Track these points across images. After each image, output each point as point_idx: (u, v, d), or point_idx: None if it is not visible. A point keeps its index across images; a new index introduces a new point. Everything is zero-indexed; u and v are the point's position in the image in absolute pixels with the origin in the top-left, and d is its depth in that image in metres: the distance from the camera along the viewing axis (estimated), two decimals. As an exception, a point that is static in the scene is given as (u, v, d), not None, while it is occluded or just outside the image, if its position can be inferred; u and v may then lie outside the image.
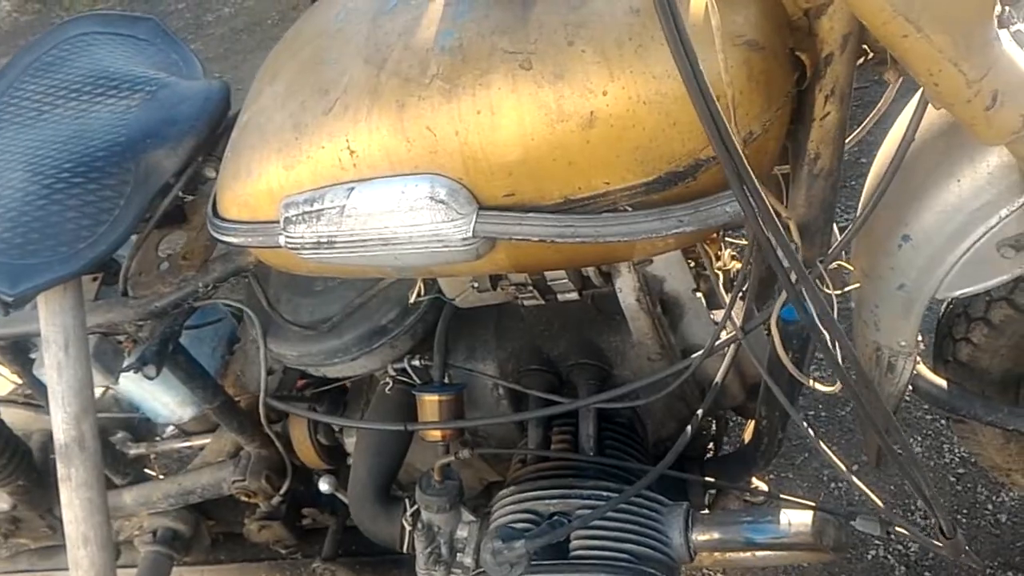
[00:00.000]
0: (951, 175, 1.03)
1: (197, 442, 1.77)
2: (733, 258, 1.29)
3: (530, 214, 0.94)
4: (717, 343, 1.07)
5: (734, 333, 1.06)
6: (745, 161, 0.77)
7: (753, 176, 0.78)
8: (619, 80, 0.87)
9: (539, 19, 0.90)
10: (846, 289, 1.17)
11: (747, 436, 1.41)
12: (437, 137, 0.94)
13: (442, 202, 0.95)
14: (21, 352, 1.48)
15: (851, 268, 1.23)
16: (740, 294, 1.06)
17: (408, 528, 1.29)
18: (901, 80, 0.97)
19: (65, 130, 1.29)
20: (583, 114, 0.88)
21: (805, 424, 1.08)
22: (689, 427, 1.15)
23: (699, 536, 1.19)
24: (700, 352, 1.08)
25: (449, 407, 1.29)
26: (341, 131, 0.98)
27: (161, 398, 1.59)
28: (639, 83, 0.86)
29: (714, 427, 1.51)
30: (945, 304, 1.40)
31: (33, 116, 1.34)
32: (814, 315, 0.92)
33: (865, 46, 0.94)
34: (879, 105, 1.09)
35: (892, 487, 1.87)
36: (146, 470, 1.85)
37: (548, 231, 0.94)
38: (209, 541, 1.79)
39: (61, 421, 1.21)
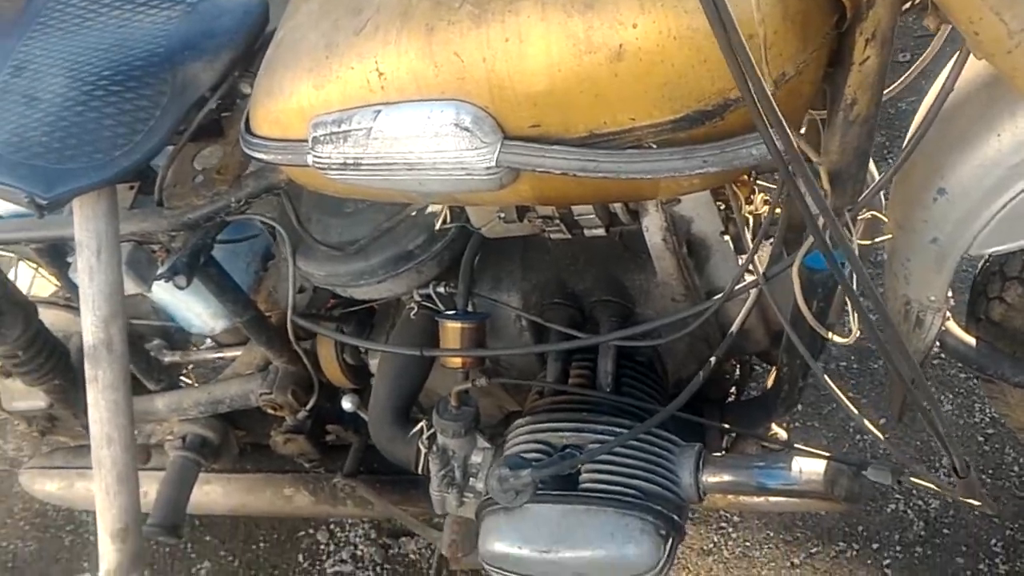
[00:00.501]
0: (991, 128, 1.00)
1: (229, 353, 1.81)
2: (766, 202, 1.27)
3: (554, 146, 0.93)
4: (737, 287, 1.06)
5: (755, 278, 1.04)
6: (773, 102, 0.75)
7: (782, 117, 0.76)
8: (650, 13, 0.85)
9: (574, -54, 0.88)
10: (877, 240, 1.15)
11: (769, 382, 1.40)
12: (464, 63, 0.93)
13: (467, 129, 0.95)
14: (59, 255, 1.52)
15: (885, 219, 1.21)
16: (765, 238, 1.05)
17: (424, 450, 1.31)
18: (949, 30, 0.94)
19: (107, 38, 1.30)
20: (612, 46, 0.87)
21: (824, 376, 1.06)
22: (702, 370, 1.14)
23: (710, 478, 1.20)
24: (719, 295, 1.07)
25: (470, 335, 1.29)
26: (371, 52, 0.98)
27: (194, 308, 1.62)
28: (670, 17, 0.84)
29: (738, 371, 1.50)
30: (982, 261, 1.38)
31: (77, 23, 1.34)
32: (839, 263, 0.91)
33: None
34: (924, 54, 1.06)
35: (918, 443, 1.86)
36: (181, 378, 1.90)
37: (571, 164, 0.93)
38: (237, 450, 1.83)
39: (90, 324, 1.24)
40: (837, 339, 1.06)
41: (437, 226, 1.24)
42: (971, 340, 1.29)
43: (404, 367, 1.38)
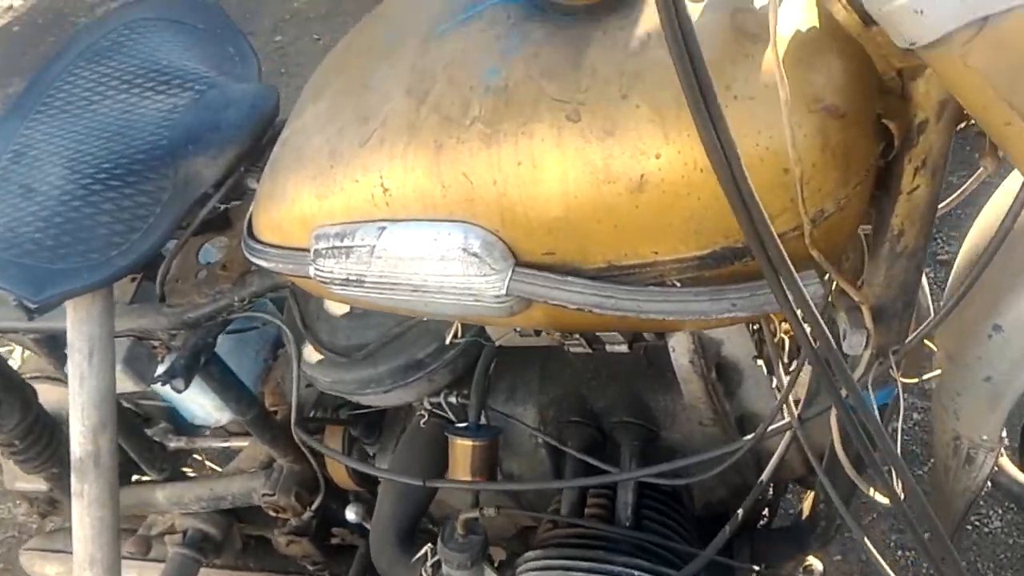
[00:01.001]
0: (1054, 266, 0.91)
1: (236, 443, 1.73)
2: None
3: (569, 278, 0.85)
4: (771, 428, 0.96)
5: (788, 420, 0.95)
6: (783, 251, 0.66)
7: (793, 270, 0.67)
8: (675, 143, 0.77)
9: (593, 64, 0.80)
10: (925, 377, 1.05)
11: (805, 509, 1.30)
12: (474, 185, 0.85)
13: (475, 255, 0.87)
14: (57, 344, 1.45)
15: (934, 349, 1.11)
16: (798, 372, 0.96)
17: (427, 578, 1.21)
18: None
19: (110, 125, 1.24)
20: (633, 177, 0.78)
21: (864, 537, 0.95)
22: (728, 524, 1.04)
23: (733, 627, 1.09)
24: (749, 437, 0.97)
25: (482, 454, 1.20)
26: (376, 166, 0.90)
27: (198, 400, 1.55)
28: (696, 148, 0.76)
29: (771, 492, 1.40)
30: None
31: (83, 105, 1.29)
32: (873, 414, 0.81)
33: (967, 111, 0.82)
34: (965, 184, 0.97)
35: (964, 562, 1.73)
36: (188, 466, 1.83)
37: (586, 299, 0.84)
38: (240, 545, 1.75)
39: (79, 434, 1.17)
40: (878, 497, 0.96)
41: (447, 339, 1.15)
42: (1026, 479, 1.18)
43: (410, 486, 1.29)
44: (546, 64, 0.82)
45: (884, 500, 0.95)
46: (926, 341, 1.12)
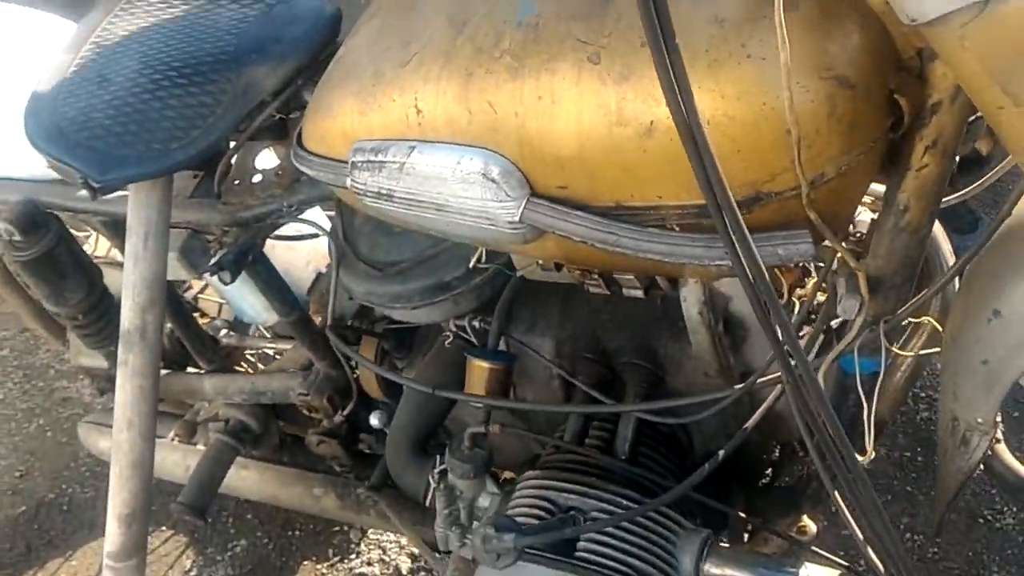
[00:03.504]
0: (1054, 256, 0.92)
1: (281, 345, 1.83)
2: (821, 289, 1.20)
3: (577, 212, 0.90)
4: (761, 380, 1.00)
5: (778, 375, 0.98)
6: (740, 216, 0.69)
7: (746, 231, 0.70)
8: (686, 93, 0.80)
9: (619, 11, 0.84)
10: (925, 352, 1.07)
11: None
12: (498, 114, 0.90)
13: (494, 181, 0.92)
14: (123, 232, 1.55)
15: (940, 329, 1.13)
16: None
17: (433, 485, 1.29)
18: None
19: (185, 28, 1.31)
20: (643, 122, 0.82)
21: (835, 492, 0.98)
22: (709, 463, 1.08)
23: (712, 568, 1.14)
24: (740, 386, 1.01)
25: (497, 377, 1.27)
26: (412, 88, 0.96)
27: (248, 299, 1.64)
28: (706, 100, 0.79)
29: (777, 453, 1.43)
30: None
31: (162, 7, 1.37)
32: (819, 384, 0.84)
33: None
34: (990, 173, 0.98)
35: (969, 553, 1.75)
36: (241, 363, 1.93)
37: (591, 234, 0.89)
38: (277, 440, 1.85)
39: (128, 309, 1.26)
40: (859, 457, 0.99)
41: (471, 263, 1.21)
42: (1021, 468, 1.20)
43: (426, 398, 1.36)
44: (577, 6, 0.86)
45: (862, 459, 0.98)
46: (932, 321, 1.14)
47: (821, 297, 1.16)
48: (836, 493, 0.91)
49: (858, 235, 1.10)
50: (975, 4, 0.66)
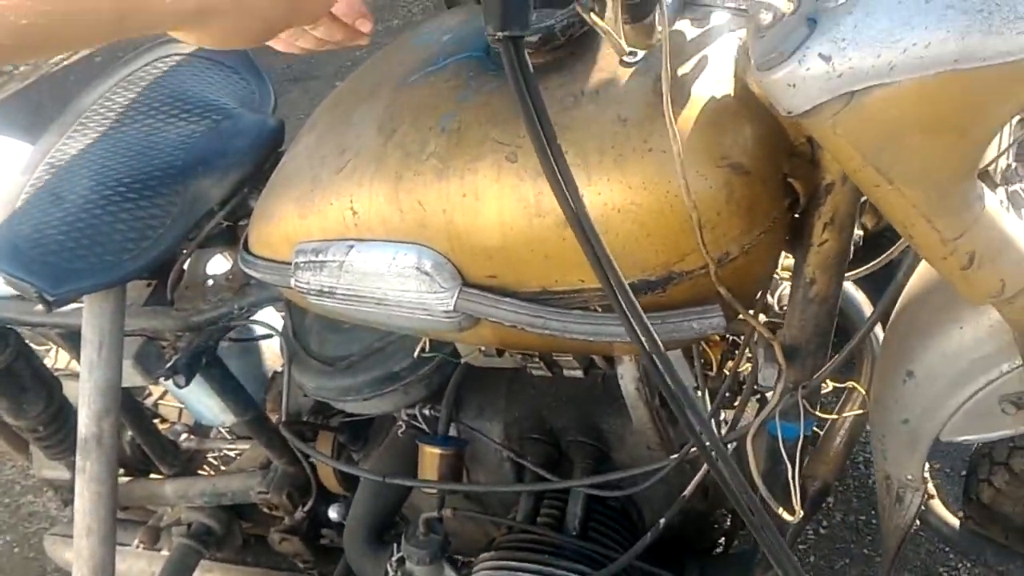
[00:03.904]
0: (955, 320, 0.98)
1: (242, 445, 1.85)
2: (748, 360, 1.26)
3: (506, 299, 0.96)
4: (693, 450, 1.05)
5: (709, 445, 1.03)
6: (633, 297, 0.75)
7: (640, 311, 0.76)
8: (595, 185, 0.87)
9: (532, 114, 0.91)
10: (847, 414, 1.13)
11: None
12: (427, 212, 0.96)
13: (427, 274, 0.98)
14: (79, 339, 1.58)
15: (863, 391, 1.19)
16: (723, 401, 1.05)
17: (391, 573, 1.31)
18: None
19: (135, 145, 1.38)
20: (559, 213, 0.88)
21: (765, 549, 1.02)
22: (651, 531, 1.13)
23: (664, 639, 1.17)
24: (675, 456, 1.06)
25: (448, 462, 1.31)
26: (347, 192, 1.02)
27: (204, 401, 1.67)
28: (615, 191, 0.86)
29: (728, 521, 1.47)
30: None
31: (114, 127, 1.43)
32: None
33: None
34: (892, 249, 1.05)
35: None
36: (203, 466, 1.94)
37: (520, 318, 0.95)
38: (241, 541, 1.86)
39: (85, 417, 1.30)
40: (785, 515, 1.04)
41: (416, 353, 1.26)
42: (954, 521, 1.25)
43: (381, 487, 1.39)
44: (493, 112, 0.93)
45: (790, 519, 1.02)
46: (857, 386, 1.20)
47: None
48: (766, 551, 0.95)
49: (783, 308, 1.17)
50: (842, 96, 0.72)
